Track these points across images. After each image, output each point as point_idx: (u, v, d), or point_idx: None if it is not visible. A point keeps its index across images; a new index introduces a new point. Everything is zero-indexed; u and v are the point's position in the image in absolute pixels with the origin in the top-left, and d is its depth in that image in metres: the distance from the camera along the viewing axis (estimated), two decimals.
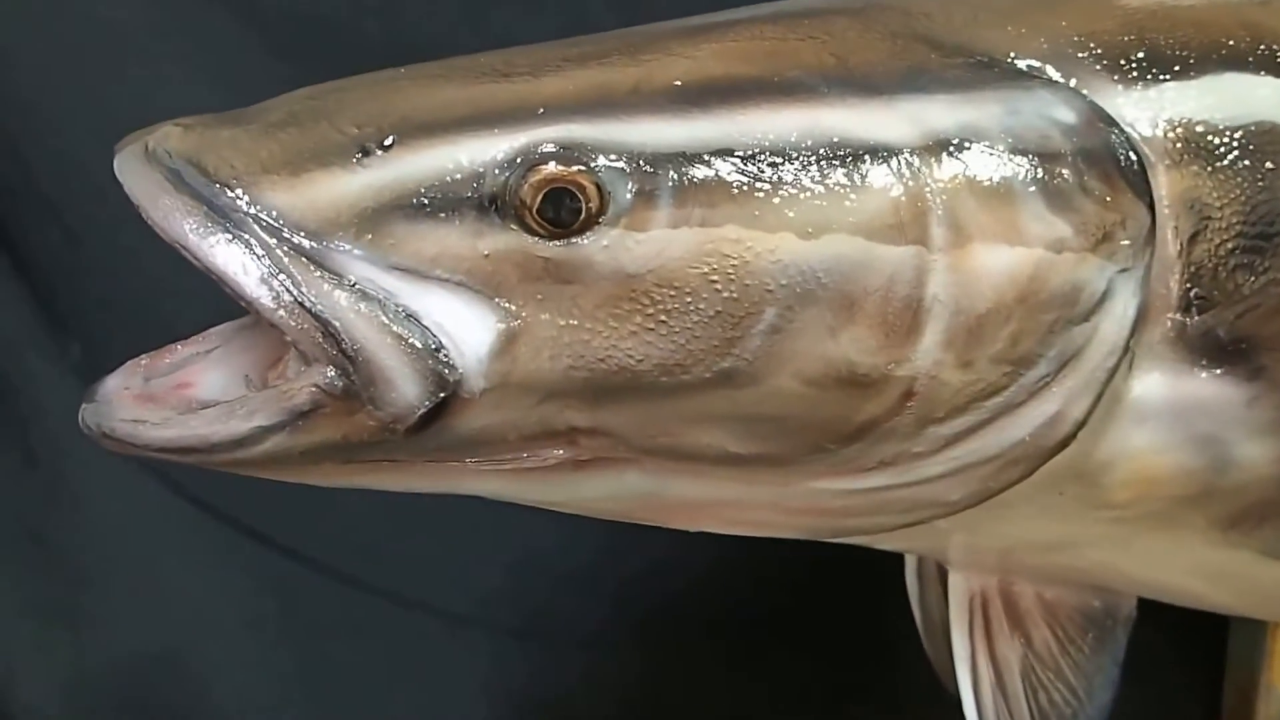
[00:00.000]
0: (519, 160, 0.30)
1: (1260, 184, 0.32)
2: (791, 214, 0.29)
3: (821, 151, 0.30)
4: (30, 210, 0.65)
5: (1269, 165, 0.32)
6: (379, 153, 0.30)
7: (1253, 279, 0.32)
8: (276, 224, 0.30)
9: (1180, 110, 0.33)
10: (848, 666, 0.62)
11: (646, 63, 0.31)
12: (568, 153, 0.29)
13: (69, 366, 0.63)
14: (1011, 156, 0.31)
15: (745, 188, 0.30)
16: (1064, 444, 0.32)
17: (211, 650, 0.65)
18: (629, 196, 0.30)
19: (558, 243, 0.30)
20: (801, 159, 0.30)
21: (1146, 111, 0.32)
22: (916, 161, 0.30)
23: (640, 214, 0.29)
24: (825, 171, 0.30)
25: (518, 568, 0.65)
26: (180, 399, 0.32)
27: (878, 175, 0.30)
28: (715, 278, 0.30)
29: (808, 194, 0.30)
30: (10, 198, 0.62)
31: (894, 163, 0.30)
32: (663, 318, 0.30)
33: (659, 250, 0.29)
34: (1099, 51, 0.33)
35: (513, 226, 0.30)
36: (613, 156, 0.30)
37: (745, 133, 0.30)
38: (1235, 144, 0.32)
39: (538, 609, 0.67)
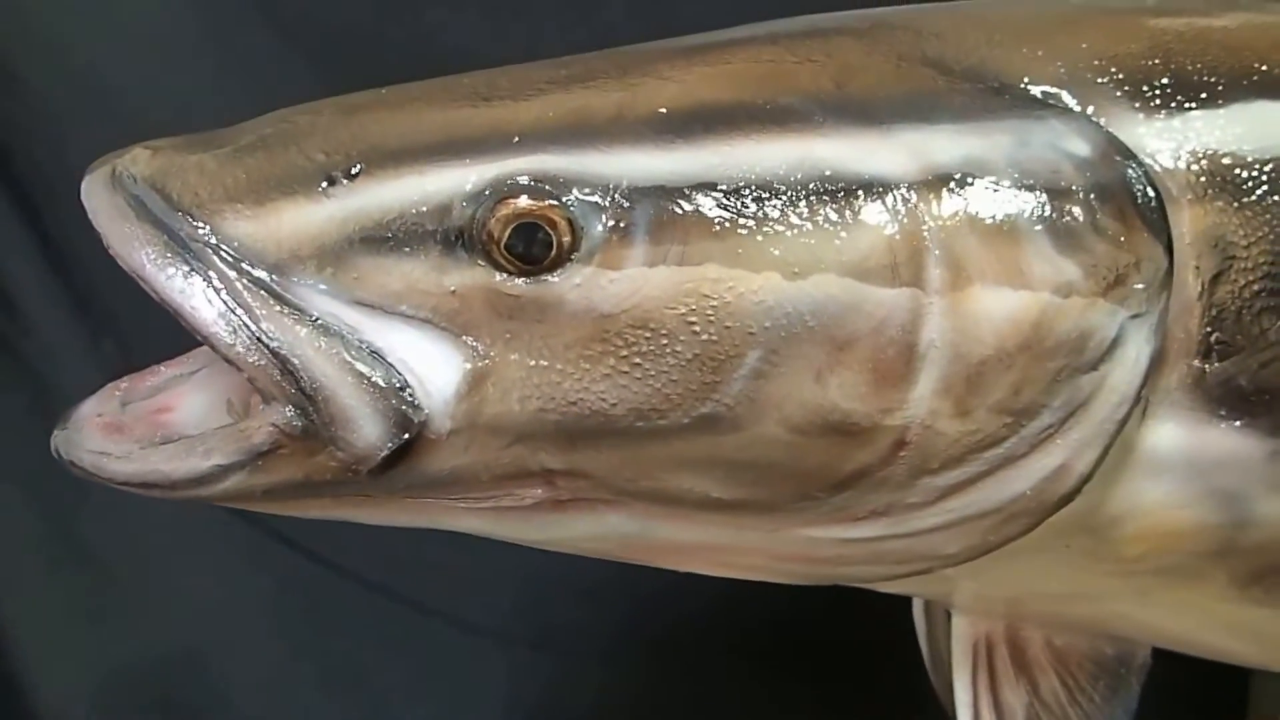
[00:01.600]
0: (488, 192, 0.28)
1: (1252, 228, 0.30)
2: (777, 252, 0.28)
3: (811, 185, 0.28)
4: (71, 210, 0.70)
5: (1254, 207, 0.30)
6: (345, 182, 0.29)
7: (1275, 327, 0.30)
8: (237, 256, 0.29)
9: (1206, 141, 0.30)
10: (863, 689, 0.61)
11: (632, 87, 0.30)
12: (539, 185, 0.28)
13: (100, 362, 0.64)
14: (1018, 192, 0.29)
15: (728, 224, 0.28)
16: (1069, 498, 0.30)
17: (235, 653, 0.66)
18: (602, 232, 0.28)
19: (527, 280, 0.28)
20: (789, 193, 0.28)
21: (1169, 142, 0.30)
22: (914, 197, 0.28)
23: (615, 251, 0.28)
24: (815, 207, 0.28)
25: (536, 580, 0.65)
26: (150, 428, 0.31)
27: (871, 212, 0.28)
28: (694, 319, 0.28)
29: (795, 231, 0.28)
30: (53, 199, 0.62)
31: (890, 198, 0.28)
32: (637, 360, 0.28)
33: (634, 289, 0.28)
34: (1120, 76, 0.31)
35: (480, 262, 0.28)
36: (586, 190, 0.28)
37: (730, 165, 0.28)
38: (1265, 177, 0.30)
39: (555, 622, 0.66)
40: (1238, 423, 0.30)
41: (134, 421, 0.32)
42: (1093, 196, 0.29)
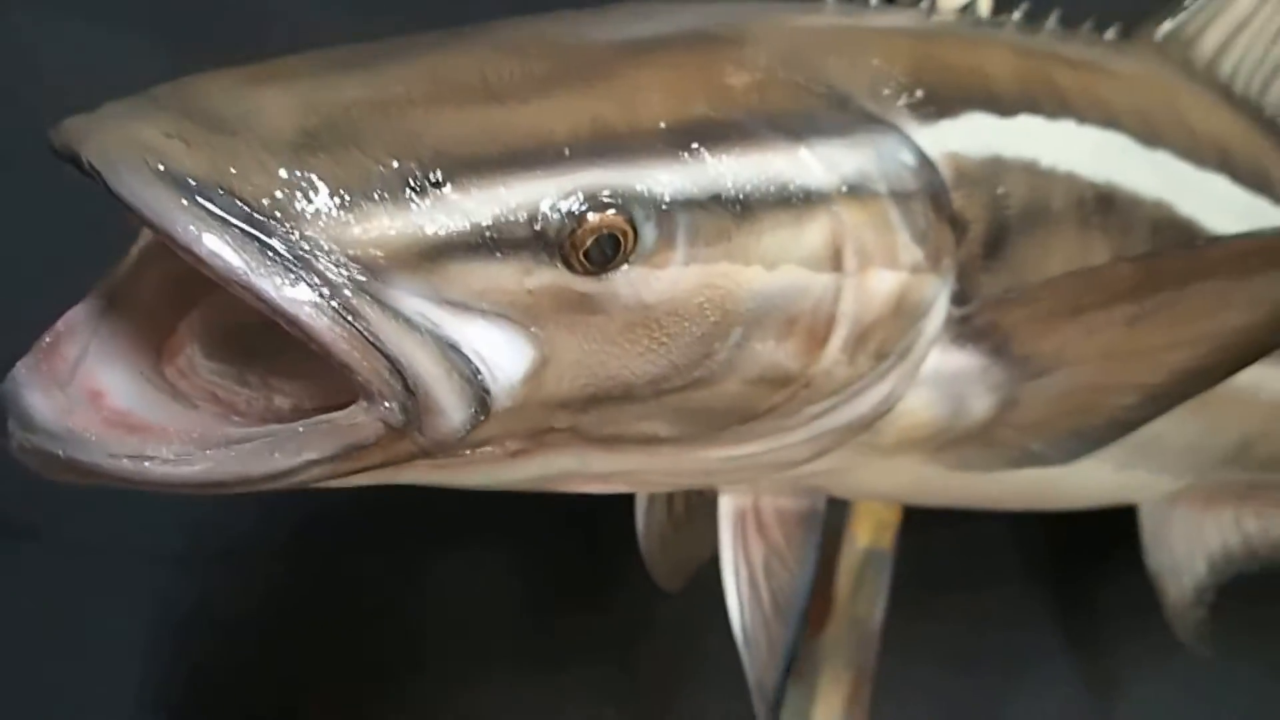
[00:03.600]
0: (573, 207, 0.32)
1: (994, 208, 0.43)
2: (759, 250, 0.35)
3: (773, 193, 0.35)
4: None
5: (999, 191, 0.43)
6: (432, 190, 0.31)
7: (990, 280, 0.43)
8: (339, 261, 0.30)
9: (952, 146, 0.41)
10: (516, 571, 0.70)
11: (620, 96, 0.34)
12: (612, 200, 0.32)
13: None
14: (889, 195, 0.38)
15: (731, 229, 0.34)
16: (886, 413, 0.41)
17: None
18: (654, 238, 0.33)
19: (593, 279, 0.32)
20: (764, 201, 0.35)
21: (937, 148, 0.41)
22: (836, 202, 0.36)
23: (661, 254, 0.33)
24: (779, 212, 0.35)
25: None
26: (117, 417, 0.31)
27: (813, 214, 0.36)
28: (708, 306, 0.34)
29: (770, 232, 0.35)
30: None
31: (822, 203, 0.36)
32: (664, 340, 0.34)
33: (672, 284, 0.34)
34: (900, 92, 0.41)
35: (558, 265, 0.32)
36: (644, 202, 0.33)
37: (724, 178, 0.34)
38: (980, 174, 0.42)
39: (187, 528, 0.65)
40: (968, 347, 0.42)
41: (141, 419, 0.32)
42: (924, 195, 0.39)
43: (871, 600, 0.67)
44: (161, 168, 0.29)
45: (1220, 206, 0.50)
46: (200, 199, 0.29)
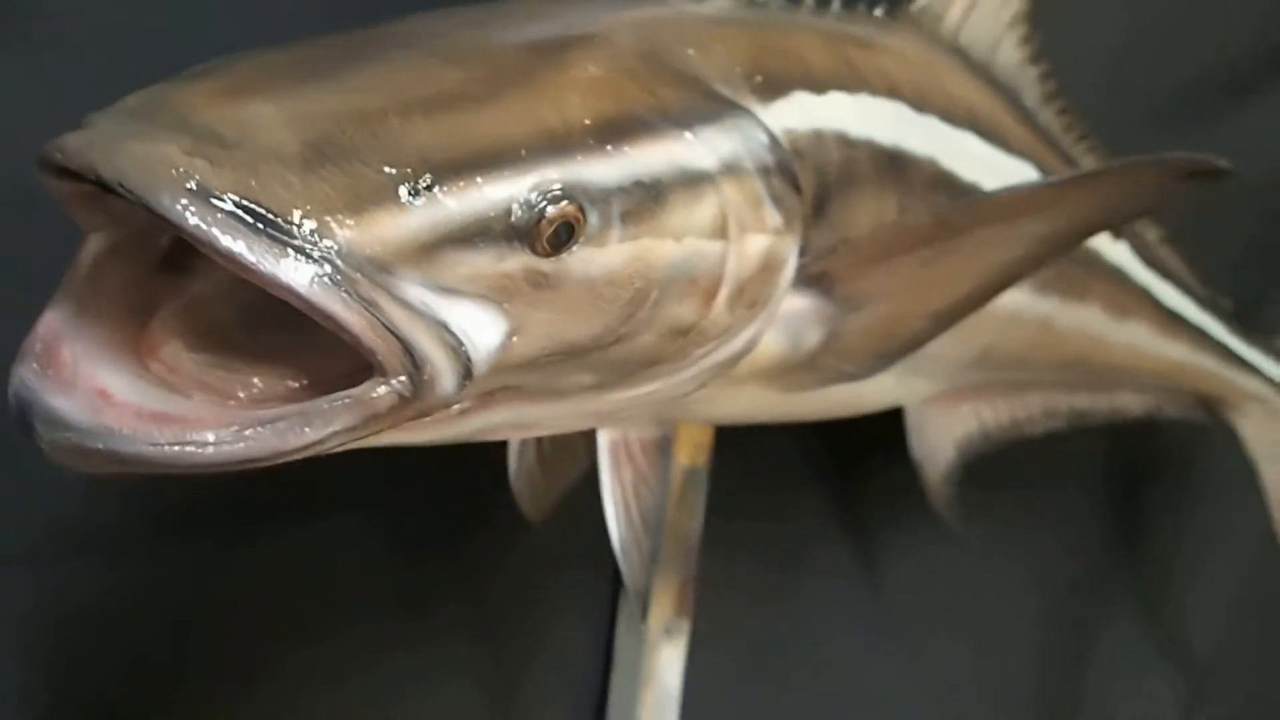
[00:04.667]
0: (535, 200, 0.38)
1: (819, 174, 0.51)
2: (671, 226, 0.42)
3: (676, 177, 0.42)
4: None
5: (822, 159, 0.51)
6: (423, 192, 0.36)
7: (817, 235, 0.51)
8: (359, 262, 0.34)
9: (787, 123, 0.49)
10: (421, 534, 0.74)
11: (547, 95, 0.40)
12: (568, 192, 0.38)
13: None
14: (757, 172, 0.45)
15: (651, 210, 0.41)
16: (749, 351, 0.50)
17: None
18: (597, 223, 0.39)
19: (552, 260, 0.39)
20: (670, 185, 0.42)
21: (777, 125, 0.48)
22: (719, 181, 0.44)
23: (602, 235, 0.40)
24: (682, 193, 0.42)
25: None
26: (134, 406, 0.35)
27: (706, 193, 0.43)
28: (635, 275, 0.41)
29: (677, 211, 0.42)
30: None
31: (709, 183, 0.43)
32: (604, 305, 0.41)
33: (610, 259, 0.40)
34: (745, 79, 0.48)
35: (525, 250, 0.38)
36: (592, 195, 0.39)
37: (641, 167, 0.41)
38: (808, 146, 0.51)
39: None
40: (807, 290, 0.51)
41: (151, 409, 0.35)
42: (778, 169, 0.47)
43: (692, 513, 0.77)
44: (194, 187, 0.33)
45: (971, 160, 0.61)
46: (235, 213, 0.33)
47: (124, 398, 0.35)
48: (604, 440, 0.57)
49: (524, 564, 0.75)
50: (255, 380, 0.38)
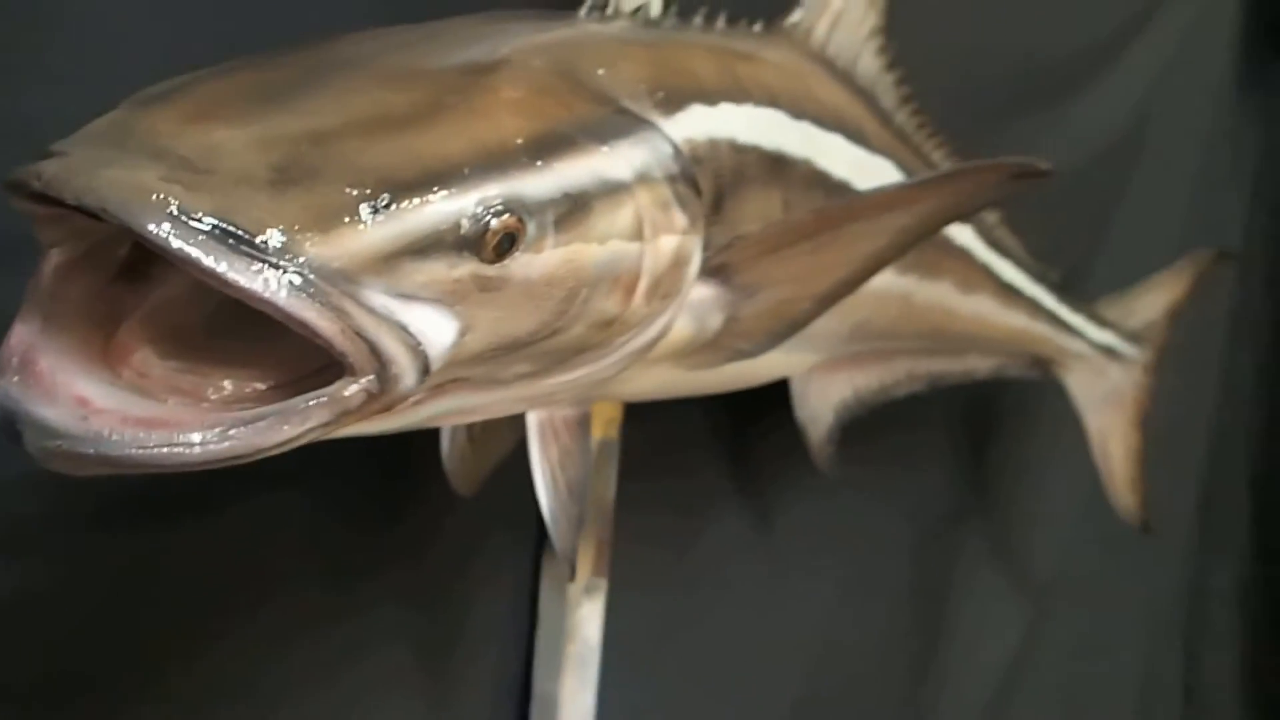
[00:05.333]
0: (481, 215, 0.42)
1: (714, 178, 0.58)
2: (596, 230, 0.48)
3: (598, 187, 0.48)
4: None
5: (716, 165, 0.58)
6: (383, 210, 0.40)
7: (716, 232, 0.58)
8: (328, 273, 0.38)
9: (686, 133, 0.56)
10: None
11: (483, 118, 0.45)
12: (509, 206, 0.43)
13: None
14: (665, 179, 0.52)
15: (579, 217, 0.47)
16: (662, 337, 0.57)
17: None
18: (534, 231, 0.45)
19: (498, 265, 0.43)
20: (593, 195, 0.47)
21: (678, 136, 0.55)
22: (634, 189, 0.50)
23: (539, 241, 0.45)
24: (604, 201, 0.48)
25: None
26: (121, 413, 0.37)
27: (624, 201, 0.49)
28: (568, 275, 0.47)
29: (601, 218, 0.48)
30: None
31: (626, 191, 0.49)
32: (541, 303, 0.46)
33: (546, 263, 0.45)
34: (649, 95, 0.55)
35: (473, 258, 0.42)
36: (528, 205, 0.44)
37: (569, 180, 0.46)
38: (704, 153, 0.58)
39: None
40: (710, 280, 0.58)
41: (140, 414, 0.38)
42: (682, 175, 0.53)
43: (607, 482, 0.85)
44: (175, 211, 0.35)
45: (841, 159, 0.70)
46: (214, 233, 0.36)
47: (104, 404, 0.38)
48: (533, 420, 0.64)
49: (450, 535, 0.81)
50: (223, 383, 0.42)
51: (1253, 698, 1.63)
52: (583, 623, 0.85)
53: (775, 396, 0.84)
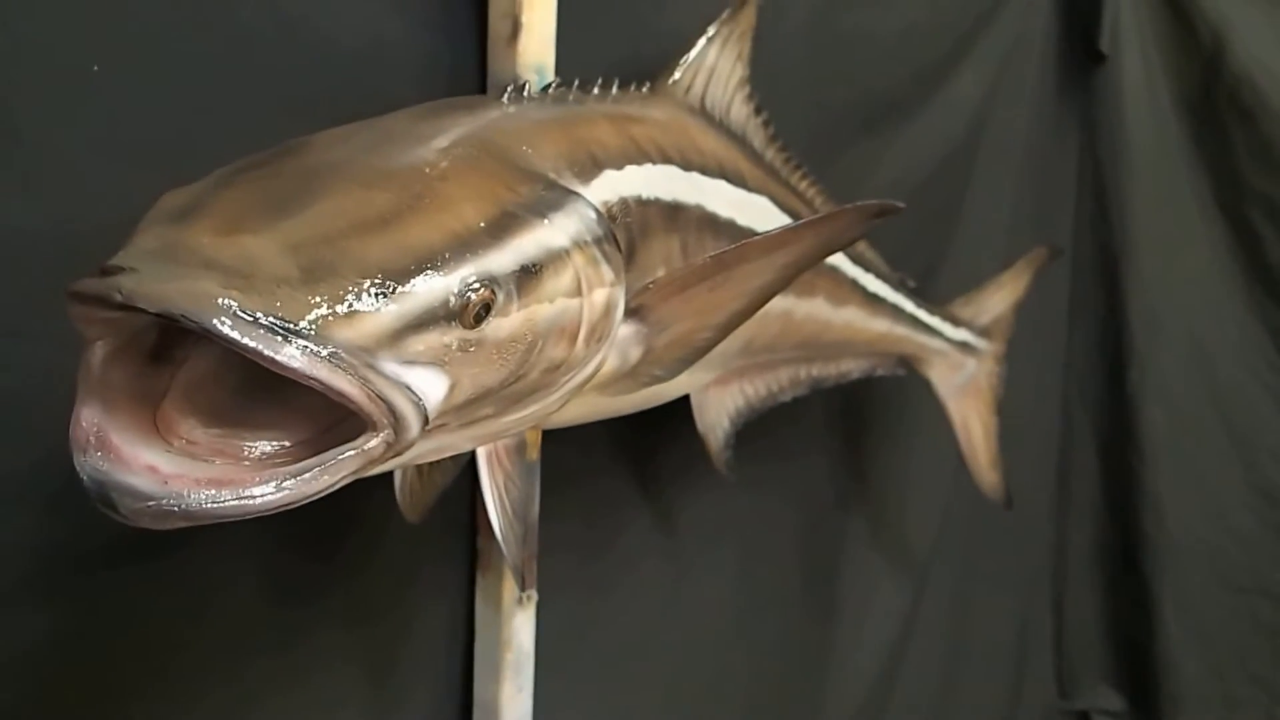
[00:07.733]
0: (463, 291, 0.51)
1: (627, 232, 0.67)
2: (546, 292, 0.56)
3: (544, 256, 0.56)
4: None
5: (628, 221, 0.68)
6: (390, 296, 0.49)
7: (631, 278, 0.68)
8: (354, 350, 0.47)
9: (602, 197, 0.66)
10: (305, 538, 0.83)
11: (450, 208, 0.53)
12: (485, 282, 0.52)
13: None
14: (594, 241, 0.60)
15: (533, 283, 0.55)
16: (599, 371, 0.66)
17: None
18: (502, 299, 0.53)
19: (476, 330, 0.52)
20: (542, 263, 0.56)
21: (598, 200, 0.64)
22: (571, 253, 0.58)
23: (506, 307, 0.54)
24: (548, 267, 0.56)
25: None
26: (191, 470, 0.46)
27: (565, 264, 0.58)
28: (528, 331, 0.55)
29: (549, 281, 0.56)
30: None
31: (565, 256, 0.58)
32: (508, 356, 0.55)
33: (512, 324, 0.54)
34: (570, 166, 0.64)
35: (458, 326, 0.51)
36: (498, 279, 0.53)
37: (523, 252, 0.55)
38: (618, 212, 0.67)
39: None
40: (630, 320, 0.66)
41: (199, 474, 0.46)
42: (605, 236, 0.62)
43: (531, 500, 0.93)
44: (238, 311, 0.44)
45: (725, 202, 0.80)
46: (267, 326, 0.45)
47: (170, 470, 0.46)
48: (481, 453, 0.72)
49: (390, 559, 0.88)
50: (255, 444, 0.49)
51: (1113, 640, 1.81)
52: (517, 631, 0.93)
53: (672, 411, 0.93)
